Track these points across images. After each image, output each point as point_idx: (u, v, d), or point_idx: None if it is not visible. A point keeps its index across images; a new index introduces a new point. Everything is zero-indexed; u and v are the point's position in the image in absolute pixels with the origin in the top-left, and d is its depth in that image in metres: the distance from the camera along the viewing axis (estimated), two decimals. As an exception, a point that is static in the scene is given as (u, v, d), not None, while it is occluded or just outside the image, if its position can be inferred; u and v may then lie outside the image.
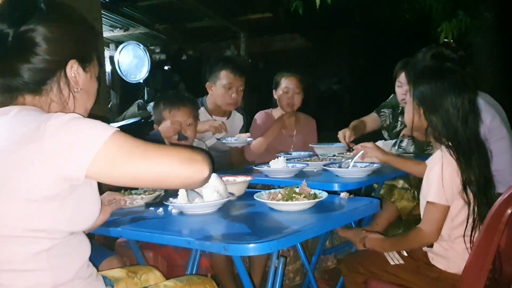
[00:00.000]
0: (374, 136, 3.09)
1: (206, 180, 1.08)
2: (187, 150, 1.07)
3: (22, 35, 1.03)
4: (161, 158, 1.02)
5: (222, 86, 2.81)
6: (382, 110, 3.10)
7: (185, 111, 2.19)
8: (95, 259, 1.24)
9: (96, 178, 1.01)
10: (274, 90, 3.10)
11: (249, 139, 2.64)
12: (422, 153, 2.68)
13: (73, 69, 1.10)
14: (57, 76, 1.09)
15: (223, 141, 2.63)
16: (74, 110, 1.14)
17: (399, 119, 3.01)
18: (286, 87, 3.02)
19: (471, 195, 1.57)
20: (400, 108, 3.03)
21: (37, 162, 0.94)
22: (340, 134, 2.67)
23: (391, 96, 3.11)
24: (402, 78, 2.83)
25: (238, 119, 3.05)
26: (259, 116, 3.15)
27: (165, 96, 2.27)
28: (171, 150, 1.05)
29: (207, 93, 2.93)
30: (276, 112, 3.15)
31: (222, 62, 2.85)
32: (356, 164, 2.05)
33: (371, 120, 3.07)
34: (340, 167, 2.05)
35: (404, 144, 2.52)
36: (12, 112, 1.04)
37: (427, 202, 1.59)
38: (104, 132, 0.98)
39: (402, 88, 2.84)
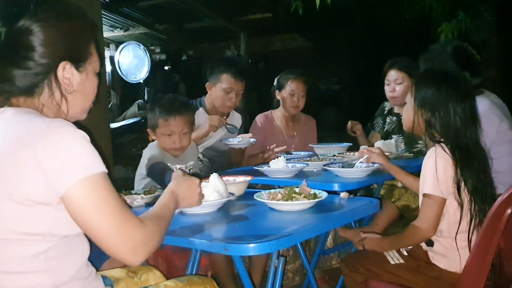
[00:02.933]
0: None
1: (135, 265, 1.12)
2: (144, 232, 1.04)
3: (12, 37, 1.03)
4: (116, 228, 1.00)
5: (221, 89, 2.77)
6: (374, 122, 3.19)
7: (181, 120, 2.15)
8: (97, 260, 1.24)
9: (67, 206, 0.98)
10: (277, 91, 3.08)
11: (252, 139, 2.62)
12: (412, 149, 2.73)
13: (65, 71, 1.08)
14: (48, 79, 1.07)
15: (226, 142, 2.61)
16: (68, 111, 1.12)
17: (387, 119, 3.09)
18: (292, 90, 3.00)
19: (465, 196, 1.57)
20: (385, 109, 3.13)
21: (30, 168, 0.94)
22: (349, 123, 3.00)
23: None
24: (390, 76, 2.93)
25: (236, 118, 3.03)
26: (259, 119, 3.14)
27: (160, 102, 2.20)
28: (131, 227, 1.02)
29: (206, 93, 2.91)
30: (276, 114, 3.14)
31: (223, 65, 2.79)
32: (357, 164, 2.05)
33: (372, 136, 3.14)
34: (343, 167, 2.05)
35: (393, 141, 2.57)
36: (8, 113, 1.04)
37: (423, 195, 1.61)
38: (92, 168, 0.98)
39: (390, 86, 2.93)
